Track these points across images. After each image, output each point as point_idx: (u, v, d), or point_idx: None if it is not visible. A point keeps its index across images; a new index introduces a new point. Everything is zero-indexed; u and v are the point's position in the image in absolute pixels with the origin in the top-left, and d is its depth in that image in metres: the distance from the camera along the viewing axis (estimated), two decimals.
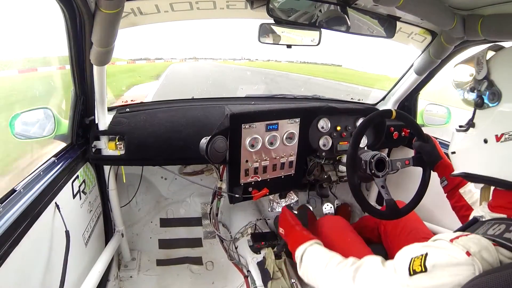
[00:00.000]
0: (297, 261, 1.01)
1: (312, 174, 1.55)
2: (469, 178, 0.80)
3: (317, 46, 1.25)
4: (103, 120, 1.31)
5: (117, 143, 1.32)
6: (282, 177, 1.48)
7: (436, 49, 1.37)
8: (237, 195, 1.39)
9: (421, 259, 0.61)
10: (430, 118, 1.80)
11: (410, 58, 1.57)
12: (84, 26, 0.97)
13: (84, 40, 1.03)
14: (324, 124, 1.54)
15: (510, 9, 0.94)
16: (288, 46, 1.22)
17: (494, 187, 0.76)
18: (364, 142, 1.62)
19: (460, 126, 0.82)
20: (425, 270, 0.59)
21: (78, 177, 1.22)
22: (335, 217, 1.36)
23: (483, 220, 0.72)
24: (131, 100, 1.59)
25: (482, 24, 1.02)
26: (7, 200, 0.85)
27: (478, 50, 0.79)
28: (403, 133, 1.72)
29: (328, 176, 1.52)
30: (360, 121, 1.61)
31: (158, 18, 1.22)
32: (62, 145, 1.26)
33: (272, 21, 1.09)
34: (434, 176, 1.15)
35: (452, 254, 0.57)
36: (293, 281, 1.36)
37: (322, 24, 1.11)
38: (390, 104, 1.80)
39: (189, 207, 2.08)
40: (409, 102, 1.80)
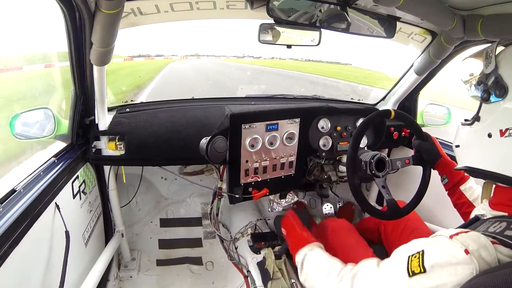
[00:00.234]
0: (297, 266, 0.99)
1: (312, 174, 1.55)
2: (471, 173, 0.80)
3: (317, 46, 1.25)
4: (103, 120, 1.31)
5: (117, 143, 1.32)
6: (282, 177, 1.48)
7: (436, 49, 1.37)
8: (237, 195, 1.39)
9: (418, 258, 0.60)
10: (430, 118, 1.80)
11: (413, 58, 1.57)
12: (84, 26, 0.98)
13: (84, 40, 1.03)
14: (324, 124, 1.54)
15: (510, 9, 0.94)
16: (288, 46, 1.23)
17: (495, 184, 0.76)
18: (364, 142, 1.62)
19: (465, 120, 0.81)
20: (424, 271, 0.59)
21: (78, 177, 1.22)
22: (338, 220, 1.37)
23: (484, 218, 0.72)
24: (131, 100, 1.59)
25: (482, 24, 1.02)
26: (7, 200, 0.85)
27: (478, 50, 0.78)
28: (403, 133, 1.72)
29: (328, 176, 1.52)
30: (360, 121, 1.61)
31: (158, 18, 1.22)
32: (62, 145, 1.26)
33: (272, 21, 1.09)
34: (434, 176, 1.15)
35: (450, 252, 0.57)
36: (293, 281, 1.36)
37: (322, 24, 1.11)
38: (390, 104, 1.80)
39: (189, 207, 2.08)
40: (409, 102, 1.80)
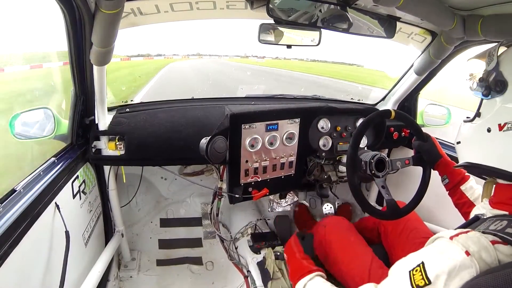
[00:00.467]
0: None
1: (312, 174, 1.55)
2: (471, 169, 0.79)
3: (317, 46, 1.25)
4: (103, 120, 1.31)
5: (117, 143, 1.32)
6: (282, 177, 1.48)
7: (436, 49, 1.37)
8: (237, 195, 1.39)
9: (420, 271, 0.59)
10: (430, 118, 1.80)
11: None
12: (84, 26, 0.98)
13: (84, 40, 1.03)
14: (324, 124, 1.54)
15: (510, 9, 0.94)
16: (288, 46, 1.23)
17: (496, 183, 0.75)
18: (364, 142, 1.62)
19: (467, 117, 0.82)
20: (429, 283, 0.57)
21: (78, 177, 1.21)
22: (338, 217, 1.36)
23: (485, 217, 0.72)
24: (131, 100, 1.59)
25: (482, 24, 1.02)
26: (7, 200, 0.85)
27: (478, 51, 0.79)
28: (403, 133, 1.72)
29: (328, 176, 1.52)
30: (360, 121, 1.61)
31: (158, 18, 1.22)
32: (62, 145, 1.26)
33: (272, 21, 1.09)
34: (434, 177, 1.15)
35: (452, 256, 0.56)
36: None
37: (322, 24, 1.11)
38: (390, 104, 1.80)
39: (189, 207, 2.08)
40: (409, 102, 1.80)
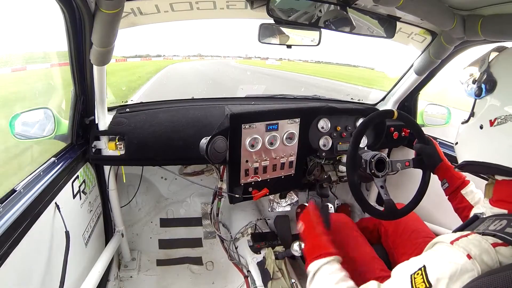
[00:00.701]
0: (308, 274, 0.90)
1: (312, 174, 1.55)
2: (469, 167, 0.80)
3: (317, 46, 1.25)
4: (103, 120, 1.31)
5: (117, 143, 1.32)
6: (282, 177, 1.48)
7: (436, 49, 1.37)
8: (237, 195, 1.39)
9: (422, 275, 0.59)
10: (430, 118, 1.80)
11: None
12: (84, 26, 0.98)
13: (84, 40, 1.03)
14: (324, 124, 1.54)
15: (510, 9, 0.94)
16: (288, 46, 1.23)
17: (496, 181, 0.76)
18: (364, 142, 1.62)
19: (464, 119, 0.84)
20: (430, 286, 0.57)
21: (78, 177, 1.21)
22: (340, 214, 1.35)
23: (484, 216, 0.72)
24: (131, 100, 1.59)
25: (482, 24, 1.02)
26: (7, 200, 0.85)
27: (478, 51, 0.81)
28: (403, 133, 1.73)
29: (328, 176, 1.52)
30: (360, 121, 1.61)
31: (158, 18, 1.22)
32: (62, 145, 1.26)
33: (272, 21, 1.09)
34: (435, 177, 1.15)
35: (453, 260, 0.56)
36: (293, 281, 1.36)
37: (322, 24, 1.11)
38: (390, 104, 1.80)
39: (189, 207, 2.08)
40: (409, 102, 1.80)
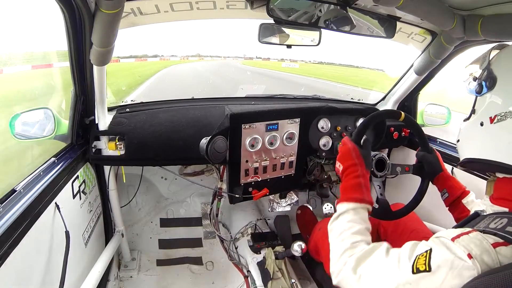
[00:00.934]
0: (335, 213, 0.89)
1: (312, 174, 1.55)
2: (470, 164, 0.81)
3: (317, 46, 1.25)
4: (103, 120, 1.31)
5: (117, 143, 1.32)
6: (282, 177, 1.48)
7: (436, 49, 1.37)
8: (237, 195, 1.39)
9: (425, 257, 0.60)
10: (430, 118, 1.80)
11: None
12: (84, 26, 0.97)
13: (84, 40, 1.03)
14: (324, 124, 1.54)
15: (510, 9, 0.94)
16: (288, 46, 1.23)
17: (496, 178, 0.75)
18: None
19: (466, 116, 0.84)
20: (429, 270, 0.58)
21: (78, 177, 1.21)
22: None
23: (484, 214, 0.72)
24: (131, 100, 1.59)
25: (482, 24, 1.02)
26: (7, 200, 0.85)
27: (478, 51, 0.81)
28: (403, 133, 1.72)
29: (328, 176, 1.52)
30: (360, 120, 1.61)
31: (158, 18, 1.22)
32: (62, 145, 1.26)
33: (272, 21, 1.09)
34: None
35: (456, 254, 0.57)
36: (293, 281, 1.36)
37: (322, 24, 1.11)
38: (390, 104, 1.80)
39: (189, 207, 2.08)
40: (409, 102, 1.80)
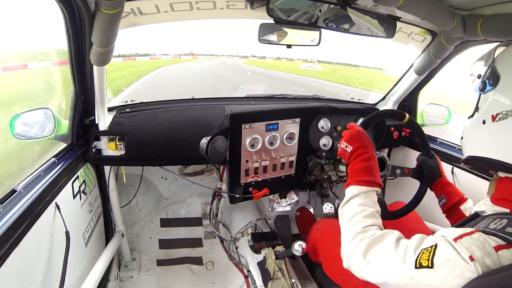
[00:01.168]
0: (346, 195, 0.88)
1: (312, 174, 1.55)
2: (472, 162, 0.81)
3: (317, 46, 1.25)
4: (103, 120, 1.31)
5: (117, 143, 1.32)
6: (283, 177, 1.48)
7: (436, 49, 1.37)
8: (237, 195, 1.39)
9: (430, 252, 0.61)
10: (430, 118, 1.80)
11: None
12: (84, 26, 0.97)
13: (84, 40, 1.03)
14: (324, 124, 1.54)
15: (510, 9, 0.94)
16: (288, 46, 1.23)
17: (498, 177, 0.75)
18: None
19: (470, 114, 0.85)
20: (431, 266, 0.59)
21: (78, 177, 1.21)
22: (330, 220, 1.37)
23: (484, 214, 0.72)
24: (131, 100, 1.59)
25: (482, 24, 1.02)
26: (7, 200, 0.85)
27: (478, 51, 0.81)
28: (403, 133, 1.72)
29: (328, 176, 1.52)
30: (360, 120, 1.61)
31: (158, 18, 1.22)
32: (62, 145, 1.26)
33: (272, 21, 1.09)
34: None
35: (459, 255, 0.57)
36: (293, 281, 1.36)
37: (322, 24, 1.11)
38: (390, 104, 1.80)
39: (189, 207, 2.08)
40: (409, 102, 1.80)
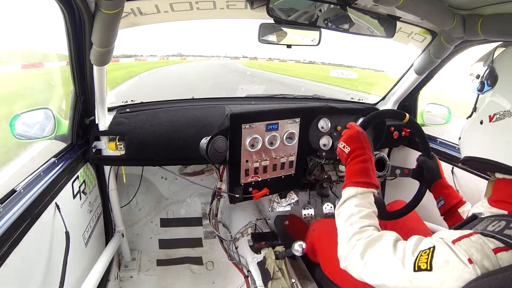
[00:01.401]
0: (342, 196, 0.90)
1: (312, 174, 1.55)
2: (469, 163, 0.81)
3: (317, 46, 1.25)
4: (103, 120, 1.31)
5: (117, 143, 1.32)
6: (282, 177, 1.48)
7: (436, 49, 1.37)
8: (237, 195, 1.39)
9: (428, 254, 0.61)
10: (430, 117, 1.80)
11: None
12: (84, 26, 0.97)
13: (84, 40, 1.03)
14: (324, 124, 1.54)
15: (510, 9, 0.94)
16: (288, 46, 1.22)
17: (496, 179, 0.75)
18: None
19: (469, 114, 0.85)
20: (430, 269, 0.59)
21: (78, 177, 1.21)
22: (326, 219, 1.37)
23: (482, 216, 0.72)
24: (131, 100, 1.59)
25: (482, 24, 1.02)
26: (7, 200, 0.85)
27: (478, 51, 0.81)
28: (403, 132, 1.72)
29: (328, 176, 1.52)
30: (360, 120, 1.61)
31: (158, 18, 1.22)
32: (62, 145, 1.26)
33: (272, 21, 1.09)
34: None
35: (458, 257, 0.57)
36: (293, 281, 1.36)
37: (322, 24, 1.11)
38: (390, 104, 1.80)
39: (189, 207, 2.08)
40: (409, 102, 1.80)
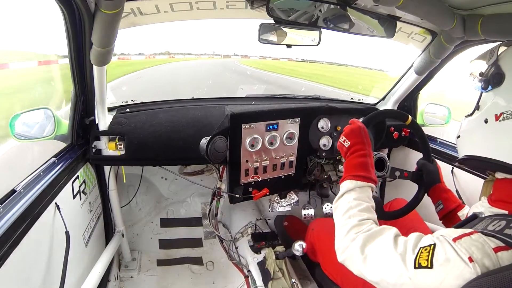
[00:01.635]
0: (341, 189, 0.88)
1: (312, 174, 1.55)
2: (470, 162, 0.80)
3: (317, 46, 1.25)
4: (103, 120, 1.31)
5: (117, 143, 1.32)
6: (282, 177, 1.48)
7: (436, 49, 1.37)
8: (237, 195, 1.39)
9: (429, 252, 0.60)
10: (430, 118, 1.80)
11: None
12: (84, 26, 0.98)
13: (84, 40, 1.03)
14: (324, 124, 1.53)
15: (510, 9, 0.94)
16: (288, 46, 1.23)
17: (495, 179, 0.75)
18: None
19: (468, 113, 0.83)
20: (430, 266, 0.59)
21: (78, 177, 1.21)
22: (325, 219, 1.37)
23: (482, 216, 0.72)
24: (131, 100, 1.59)
25: (482, 24, 1.02)
26: (7, 200, 0.85)
27: (478, 50, 0.80)
28: (403, 133, 1.72)
29: (328, 176, 1.52)
30: (360, 119, 1.61)
31: (158, 18, 1.22)
32: (62, 145, 1.26)
33: (272, 21, 1.09)
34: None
35: (458, 256, 0.57)
36: (293, 281, 1.36)
37: (322, 24, 1.11)
38: (390, 104, 1.80)
39: (189, 207, 2.08)
40: (409, 102, 1.80)
